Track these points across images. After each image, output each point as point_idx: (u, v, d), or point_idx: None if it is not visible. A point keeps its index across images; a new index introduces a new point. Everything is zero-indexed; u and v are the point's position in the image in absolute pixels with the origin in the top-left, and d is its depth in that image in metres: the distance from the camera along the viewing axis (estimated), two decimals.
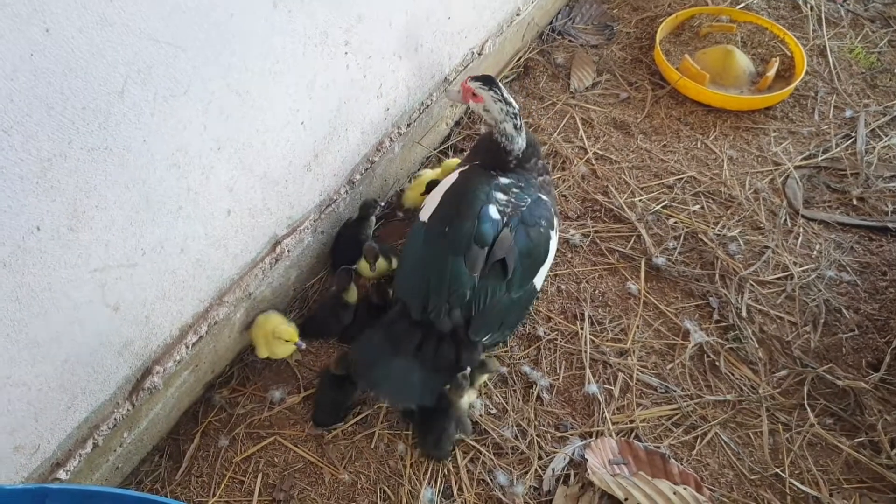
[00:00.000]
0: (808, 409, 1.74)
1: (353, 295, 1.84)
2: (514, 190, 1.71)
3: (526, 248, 1.63)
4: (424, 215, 1.71)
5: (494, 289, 1.59)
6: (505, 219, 1.63)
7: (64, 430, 1.39)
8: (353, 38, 1.64)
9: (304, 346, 1.74)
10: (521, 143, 1.76)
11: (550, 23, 2.75)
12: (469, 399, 1.68)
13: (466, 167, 1.80)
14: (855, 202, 2.20)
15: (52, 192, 1.12)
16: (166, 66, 1.20)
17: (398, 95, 1.96)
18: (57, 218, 1.15)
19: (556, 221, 1.77)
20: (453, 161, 2.10)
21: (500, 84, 1.74)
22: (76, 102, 1.08)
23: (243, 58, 1.35)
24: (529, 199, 1.70)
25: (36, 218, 1.11)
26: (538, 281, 1.71)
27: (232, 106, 1.38)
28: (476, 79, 1.74)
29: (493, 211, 1.63)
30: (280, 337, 1.70)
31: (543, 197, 1.76)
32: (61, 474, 1.41)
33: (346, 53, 1.64)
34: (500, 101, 1.70)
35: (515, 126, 1.73)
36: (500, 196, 1.67)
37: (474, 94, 1.73)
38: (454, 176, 1.76)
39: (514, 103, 1.72)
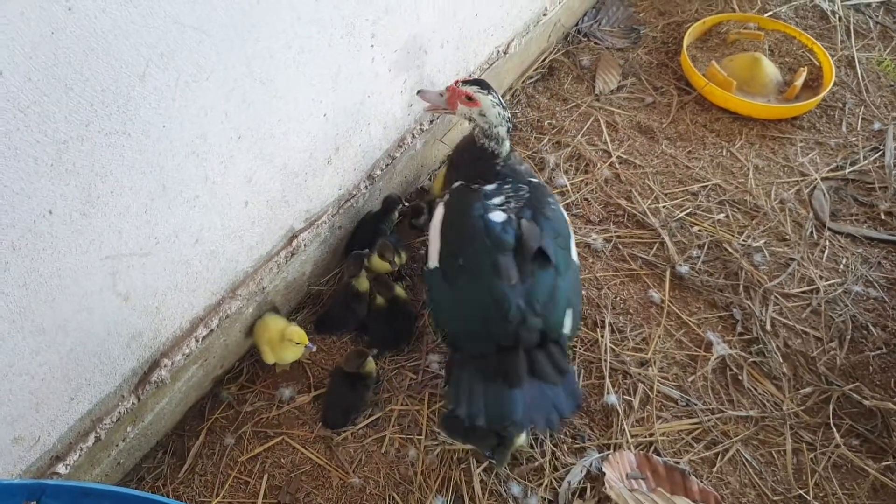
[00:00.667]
0: (834, 429, 1.68)
1: (364, 283, 1.80)
2: (506, 187, 1.65)
3: (552, 229, 1.57)
4: (433, 262, 1.62)
5: (546, 278, 1.50)
6: (513, 215, 1.56)
7: (65, 423, 1.35)
8: (379, 31, 1.59)
9: (314, 348, 1.69)
10: (508, 145, 1.70)
11: (576, 24, 2.71)
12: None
13: (447, 195, 1.71)
14: (883, 216, 2.14)
15: (66, 175, 1.08)
16: (190, 50, 1.16)
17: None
18: (70, 202, 1.11)
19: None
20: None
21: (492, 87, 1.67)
22: (96, 84, 1.04)
23: (268, 46, 1.31)
24: (527, 186, 1.65)
25: (49, 201, 1.07)
26: (574, 255, 1.65)
27: (254, 94, 1.34)
28: (470, 82, 1.65)
29: (496, 216, 1.55)
30: (290, 339, 1.64)
31: (534, 179, 1.72)
32: (60, 468, 1.37)
33: (371, 46, 1.60)
34: (497, 104, 1.64)
35: (508, 130, 1.67)
36: (497, 200, 1.60)
37: (469, 98, 1.63)
38: (440, 211, 1.68)
39: (506, 106, 1.67)
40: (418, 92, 1.71)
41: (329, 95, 1.55)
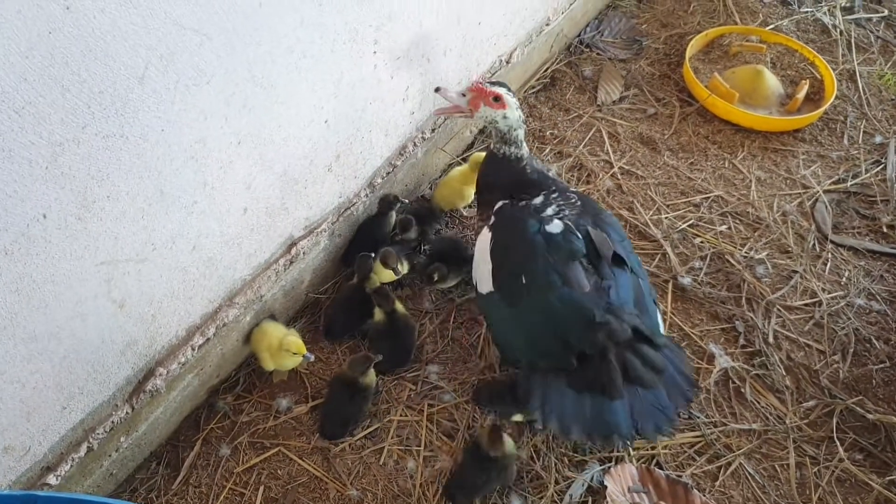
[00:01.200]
0: (837, 443, 1.66)
1: (375, 284, 1.78)
2: (553, 196, 1.61)
3: (617, 234, 1.54)
4: (486, 286, 1.56)
5: (628, 279, 1.47)
6: (570, 223, 1.51)
7: (57, 432, 1.32)
8: (382, 38, 1.58)
9: (312, 357, 1.66)
10: (525, 147, 1.69)
11: (579, 35, 2.71)
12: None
13: (491, 219, 1.64)
14: (885, 229, 2.13)
15: (61, 178, 1.05)
16: (190, 53, 1.14)
17: (424, 99, 1.90)
18: (65, 206, 1.08)
19: None
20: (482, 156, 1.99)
21: None
22: (93, 86, 1.02)
23: (270, 50, 1.30)
24: (575, 195, 1.62)
25: (43, 205, 1.05)
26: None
27: (255, 99, 1.32)
28: (496, 83, 1.61)
29: (553, 227, 1.50)
30: (288, 349, 1.62)
31: (577, 190, 1.70)
32: (51, 479, 1.33)
33: (374, 53, 1.59)
34: (519, 107, 1.63)
35: (524, 132, 1.67)
36: (549, 211, 1.55)
37: (497, 100, 1.59)
38: (486, 235, 1.61)
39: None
40: (437, 89, 1.65)
41: (331, 102, 1.54)
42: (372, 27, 1.53)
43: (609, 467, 1.60)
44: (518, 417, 1.62)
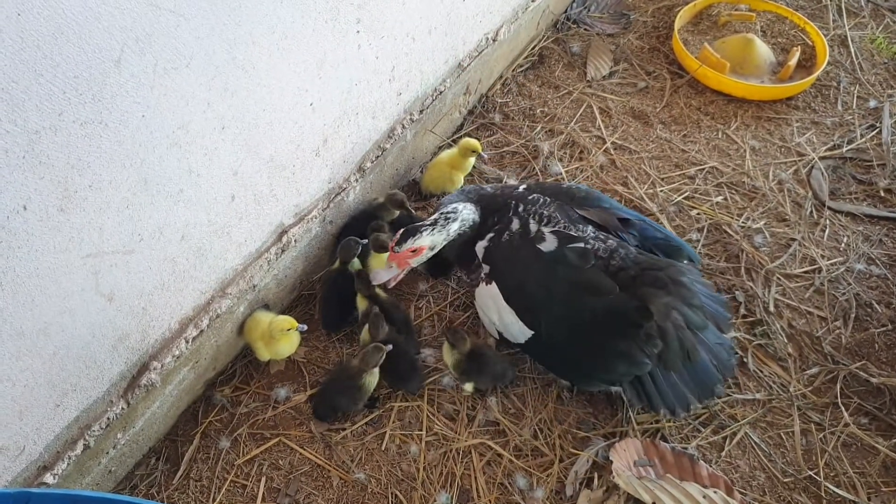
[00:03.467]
0: (842, 408, 1.65)
1: (357, 266, 1.77)
2: (520, 211, 1.60)
3: (598, 199, 1.61)
4: (521, 336, 1.57)
5: (648, 230, 1.62)
6: (565, 224, 1.55)
7: (52, 431, 1.30)
8: (364, 16, 1.55)
9: (305, 328, 1.65)
10: (471, 214, 1.64)
11: (565, 11, 2.67)
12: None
13: (484, 268, 1.63)
14: (882, 193, 2.12)
15: (40, 168, 1.02)
16: (167, 35, 1.11)
17: (411, 80, 1.87)
18: (46, 197, 1.05)
19: None
20: (472, 141, 1.98)
21: (418, 227, 1.58)
22: (67, 70, 0.99)
23: (250, 31, 1.27)
24: (537, 194, 1.64)
25: (22, 196, 1.02)
26: None
27: (237, 82, 1.29)
28: (398, 240, 1.58)
29: (549, 242, 1.53)
30: (281, 328, 1.59)
31: (506, 188, 1.73)
32: (48, 478, 1.31)
33: (357, 32, 1.55)
34: (438, 229, 1.58)
35: (465, 222, 1.64)
36: (532, 227, 1.57)
37: (414, 251, 1.57)
38: (489, 289, 1.60)
39: (448, 213, 1.60)
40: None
41: (315, 84, 1.50)
42: (354, 5, 1.49)
43: (614, 442, 1.58)
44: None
